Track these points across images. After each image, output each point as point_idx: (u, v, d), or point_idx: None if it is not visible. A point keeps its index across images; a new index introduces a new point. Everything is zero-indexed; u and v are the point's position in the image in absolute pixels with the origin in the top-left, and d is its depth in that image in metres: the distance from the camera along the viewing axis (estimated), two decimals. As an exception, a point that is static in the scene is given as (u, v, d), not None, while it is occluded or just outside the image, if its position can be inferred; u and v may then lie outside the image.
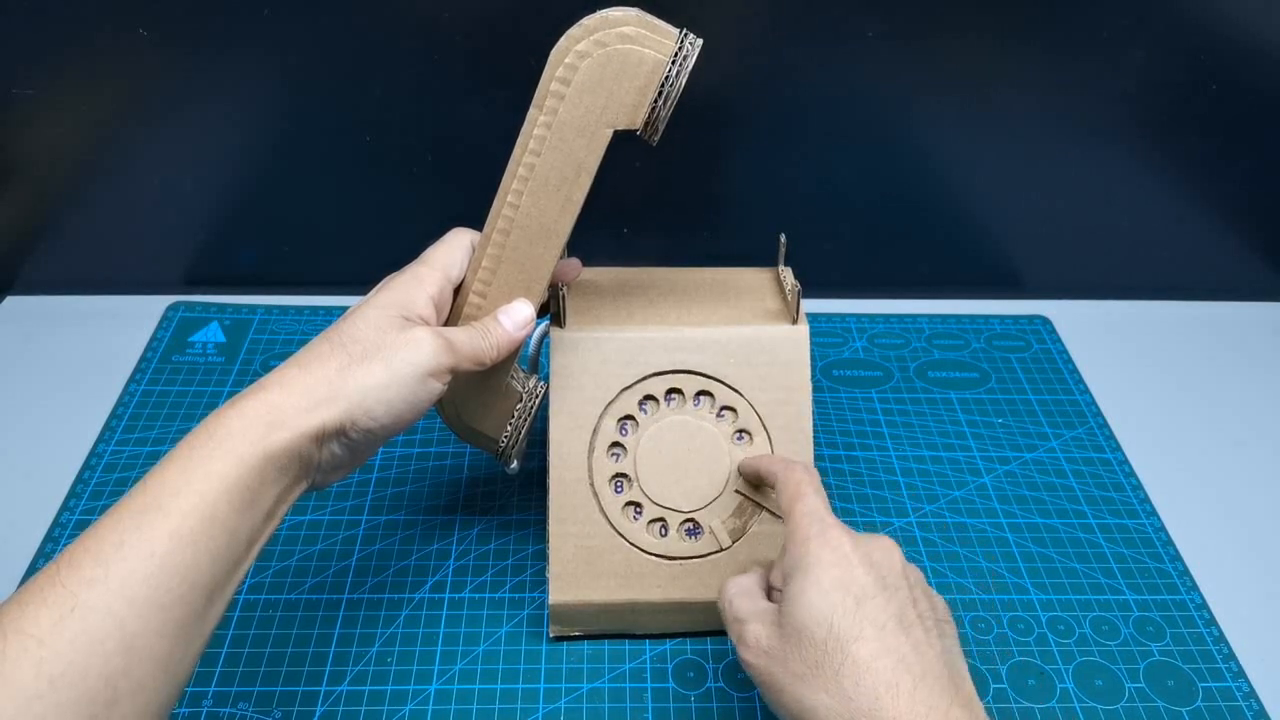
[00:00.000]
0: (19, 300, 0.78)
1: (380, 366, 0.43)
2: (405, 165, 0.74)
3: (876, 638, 0.38)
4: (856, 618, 0.39)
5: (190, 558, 0.37)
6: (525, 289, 0.50)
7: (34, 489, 0.62)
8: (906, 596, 0.40)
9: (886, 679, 0.37)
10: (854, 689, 0.37)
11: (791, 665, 0.39)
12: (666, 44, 0.46)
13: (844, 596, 0.39)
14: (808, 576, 0.40)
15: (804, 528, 0.42)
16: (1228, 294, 0.83)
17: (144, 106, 0.70)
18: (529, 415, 0.53)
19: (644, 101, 0.46)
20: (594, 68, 0.46)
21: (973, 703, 0.39)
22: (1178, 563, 0.61)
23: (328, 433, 0.42)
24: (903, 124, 0.74)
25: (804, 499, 0.44)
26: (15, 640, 0.34)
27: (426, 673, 0.53)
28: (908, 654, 0.38)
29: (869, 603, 0.39)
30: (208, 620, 0.38)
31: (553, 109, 0.46)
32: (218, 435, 0.40)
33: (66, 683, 0.33)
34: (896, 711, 0.37)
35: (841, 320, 0.80)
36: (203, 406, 0.69)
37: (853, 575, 0.40)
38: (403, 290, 0.46)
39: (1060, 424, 0.71)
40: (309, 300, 0.79)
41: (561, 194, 0.48)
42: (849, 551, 0.41)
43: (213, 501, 0.38)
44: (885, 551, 0.42)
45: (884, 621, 0.39)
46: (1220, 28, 0.70)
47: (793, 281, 0.55)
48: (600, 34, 0.45)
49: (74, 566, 0.35)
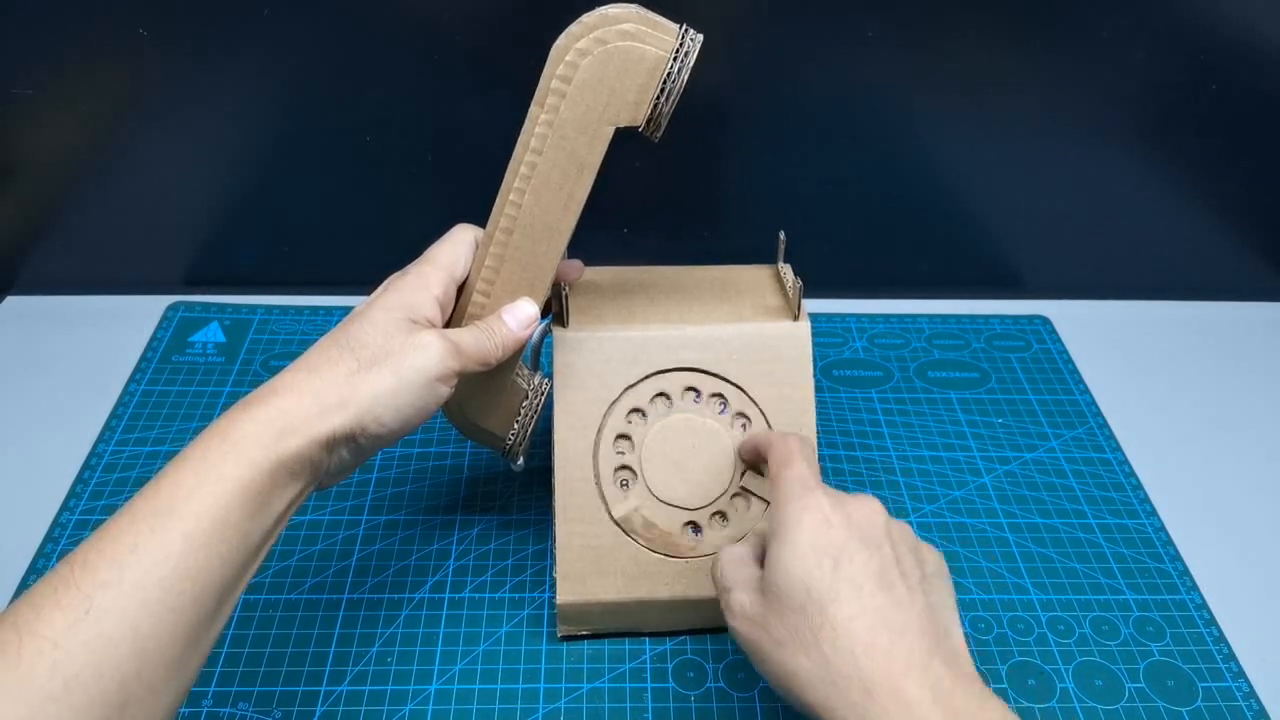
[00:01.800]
0: (19, 300, 0.78)
1: (389, 373, 0.43)
2: (405, 165, 0.74)
3: (854, 598, 0.38)
4: (834, 579, 0.39)
5: (203, 561, 0.37)
6: (529, 287, 0.50)
7: (34, 489, 0.62)
8: (889, 554, 0.40)
9: (864, 639, 0.37)
10: (832, 651, 0.37)
11: (773, 631, 0.39)
12: (667, 40, 0.46)
13: (821, 558, 0.39)
14: (786, 540, 0.40)
15: (785, 490, 0.42)
16: (1228, 294, 0.83)
17: (144, 106, 0.70)
18: (535, 413, 0.53)
19: (645, 98, 0.46)
20: (595, 65, 0.46)
21: (957, 657, 0.38)
22: (1178, 563, 0.61)
23: (338, 439, 0.42)
24: (903, 124, 0.74)
25: (791, 465, 0.44)
26: (30, 642, 0.34)
27: (426, 673, 0.53)
28: (887, 612, 0.38)
29: (847, 563, 0.39)
30: (217, 623, 0.39)
31: (554, 107, 0.46)
32: (231, 438, 0.40)
33: (80, 686, 0.34)
34: (874, 670, 0.36)
35: (841, 320, 0.80)
36: (203, 406, 0.69)
37: (831, 536, 0.40)
38: (408, 292, 0.46)
39: (1060, 424, 0.71)
40: (309, 300, 0.79)
41: (564, 192, 0.48)
42: (828, 513, 0.40)
43: (225, 505, 0.38)
44: (866, 510, 0.41)
45: (862, 582, 0.39)
46: (1220, 28, 0.70)
47: (794, 278, 0.55)
48: (600, 31, 0.45)
49: (88, 569, 0.36)
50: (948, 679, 0.36)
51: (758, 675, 0.53)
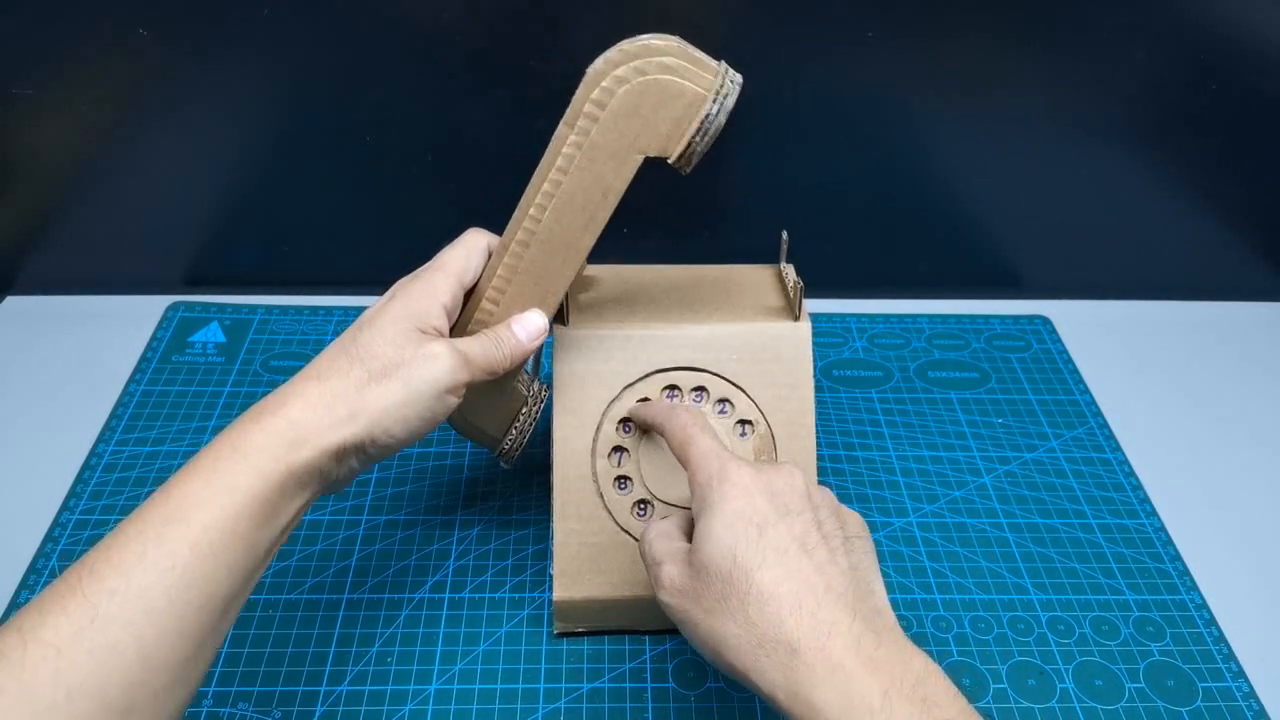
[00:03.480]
0: (19, 300, 0.78)
1: (398, 385, 0.43)
2: (405, 165, 0.74)
3: (779, 563, 0.39)
4: (759, 546, 0.39)
5: (210, 570, 0.37)
6: (539, 300, 0.50)
7: (34, 489, 0.62)
8: (810, 519, 0.40)
9: (790, 602, 0.38)
10: (759, 615, 0.38)
11: (703, 601, 0.40)
12: (706, 78, 0.46)
13: (746, 527, 0.39)
14: (712, 513, 0.40)
15: (704, 468, 0.42)
16: (1228, 294, 0.83)
17: (144, 106, 0.70)
18: (533, 418, 0.54)
19: (679, 132, 0.46)
20: (632, 94, 0.46)
21: (878, 615, 0.39)
22: (1178, 563, 0.61)
23: (347, 450, 0.42)
24: (903, 124, 0.74)
25: (695, 441, 0.44)
26: (35, 649, 0.34)
27: (426, 673, 0.53)
28: (810, 575, 0.38)
29: (771, 530, 0.39)
30: (221, 630, 0.39)
31: (584, 130, 0.46)
32: (241, 449, 0.40)
33: (84, 694, 0.34)
34: (799, 631, 0.37)
35: (841, 320, 0.80)
36: (202, 406, 0.69)
37: (754, 505, 0.40)
38: (417, 300, 0.46)
39: (1060, 424, 0.71)
40: (309, 300, 0.79)
41: (586, 214, 0.48)
42: (749, 483, 0.41)
43: (234, 516, 0.38)
44: (787, 478, 0.42)
45: (786, 546, 0.39)
46: (1220, 28, 0.70)
47: (795, 278, 0.55)
48: (641, 61, 0.45)
49: (95, 576, 0.36)
50: (869, 635, 0.37)
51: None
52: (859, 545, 0.41)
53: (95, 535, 0.59)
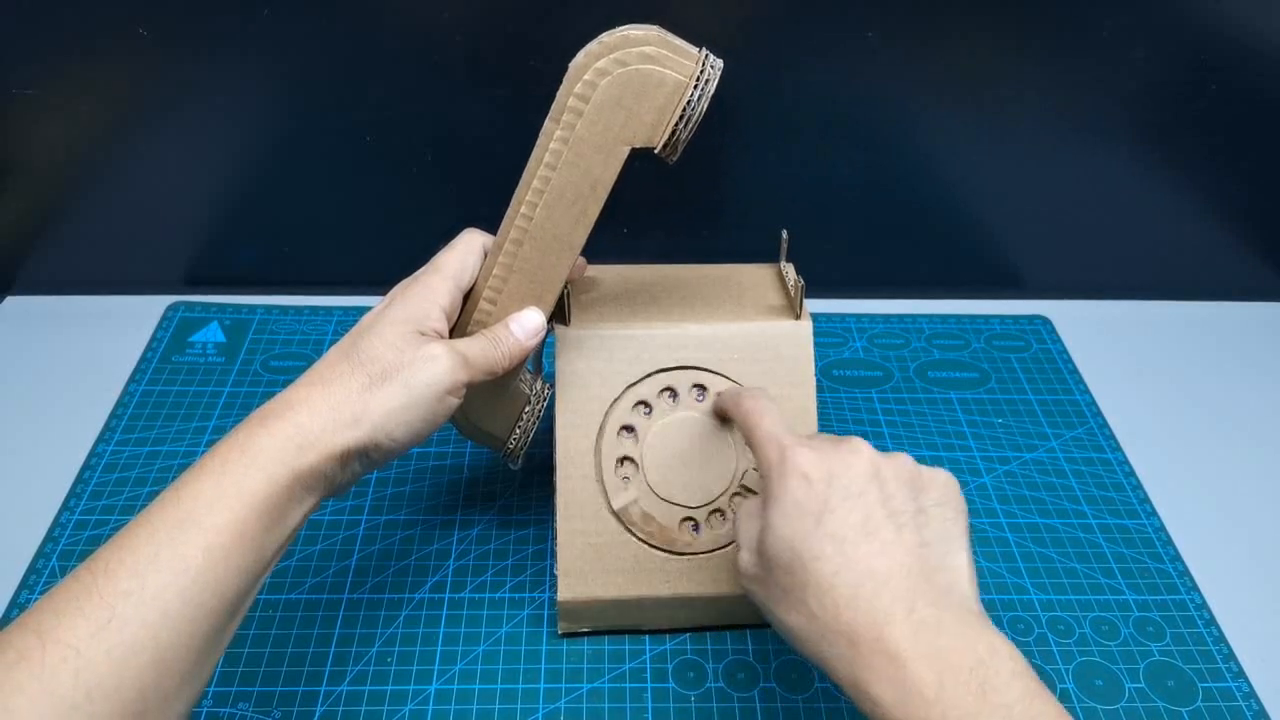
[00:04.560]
0: (19, 300, 0.78)
1: (399, 388, 0.44)
2: (405, 165, 0.74)
3: (837, 553, 0.38)
4: (817, 536, 0.39)
5: (221, 573, 0.38)
6: (536, 298, 0.50)
7: (34, 489, 0.62)
8: (875, 498, 0.40)
9: (846, 593, 0.37)
10: (819, 607, 0.38)
11: (771, 591, 0.40)
12: (686, 65, 0.46)
13: (803, 517, 0.39)
14: (773, 504, 0.41)
15: (767, 455, 0.42)
16: (1228, 294, 0.83)
17: (144, 106, 0.70)
18: (536, 417, 0.54)
19: (663, 121, 0.46)
20: (614, 86, 0.46)
21: (947, 594, 0.38)
22: (1178, 563, 0.61)
23: (351, 454, 0.43)
24: (903, 124, 0.74)
25: (759, 426, 0.44)
26: (54, 649, 0.34)
27: (426, 673, 0.53)
28: (871, 561, 0.38)
29: (829, 518, 0.39)
30: (228, 632, 0.39)
31: (570, 124, 0.46)
32: (250, 452, 0.40)
33: (102, 694, 0.34)
34: (856, 622, 0.37)
35: (841, 320, 0.80)
36: (202, 406, 0.69)
37: (813, 493, 0.40)
38: (415, 303, 0.46)
39: (1060, 424, 0.71)
40: (309, 300, 0.79)
41: (576, 208, 0.48)
42: (809, 469, 0.40)
43: (244, 519, 0.39)
44: (848, 456, 0.41)
45: (845, 534, 0.39)
46: (1220, 28, 0.70)
47: (795, 276, 0.55)
48: (621, 52, 0.45)
49: (110, 577, 0.36)
50: (931, 619, 0.36)
51: (758, 675, 0.53)
52: (936, 515, 0.40)
53: (95, 535, 0.59)
